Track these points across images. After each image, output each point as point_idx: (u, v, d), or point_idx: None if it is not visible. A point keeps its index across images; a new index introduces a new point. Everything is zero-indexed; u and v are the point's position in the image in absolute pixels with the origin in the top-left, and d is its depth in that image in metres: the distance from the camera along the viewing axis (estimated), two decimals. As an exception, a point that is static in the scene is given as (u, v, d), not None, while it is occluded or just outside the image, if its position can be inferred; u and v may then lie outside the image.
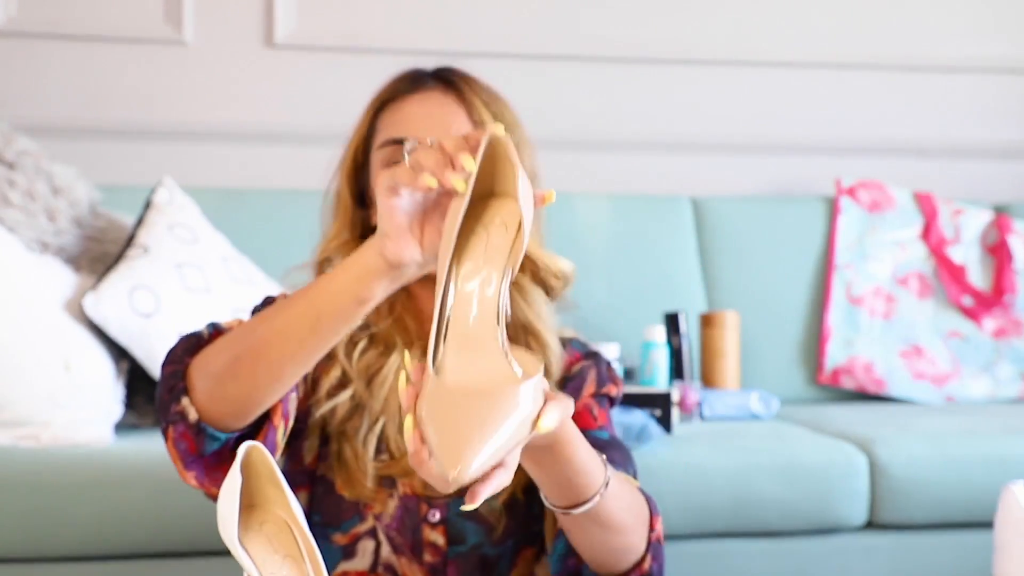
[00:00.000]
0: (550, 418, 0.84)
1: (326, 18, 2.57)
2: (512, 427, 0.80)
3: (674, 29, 2.72)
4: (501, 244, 0.91)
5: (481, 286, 0.90)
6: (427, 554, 1.20)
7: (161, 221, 2.01)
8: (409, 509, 1.20)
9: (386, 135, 1.21)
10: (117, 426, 1.83)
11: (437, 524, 1.20)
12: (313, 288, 0.97)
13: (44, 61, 2.48)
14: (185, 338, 1.08)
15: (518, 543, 1.24)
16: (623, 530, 1.08)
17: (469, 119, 1.20)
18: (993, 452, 1.85)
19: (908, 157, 2.81)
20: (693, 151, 2.74)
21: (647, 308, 2.34)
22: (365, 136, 1.24)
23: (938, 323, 2.51)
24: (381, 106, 1.23)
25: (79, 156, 2.24)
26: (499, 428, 0.80)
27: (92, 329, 1.84)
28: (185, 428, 1.03)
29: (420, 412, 0.82)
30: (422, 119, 1.19)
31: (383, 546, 1.19)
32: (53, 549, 1.61)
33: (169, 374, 1.05)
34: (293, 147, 2.53)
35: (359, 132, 1.24)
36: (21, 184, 1.94)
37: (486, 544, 1.21)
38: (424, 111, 1.20)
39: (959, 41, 2.83)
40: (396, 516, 1.19)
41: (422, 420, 0.81)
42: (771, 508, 1.77)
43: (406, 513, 1.20)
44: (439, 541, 1.20)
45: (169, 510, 1.61)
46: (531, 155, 1.23)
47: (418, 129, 1.18)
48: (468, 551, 1.20)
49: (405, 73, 1.25)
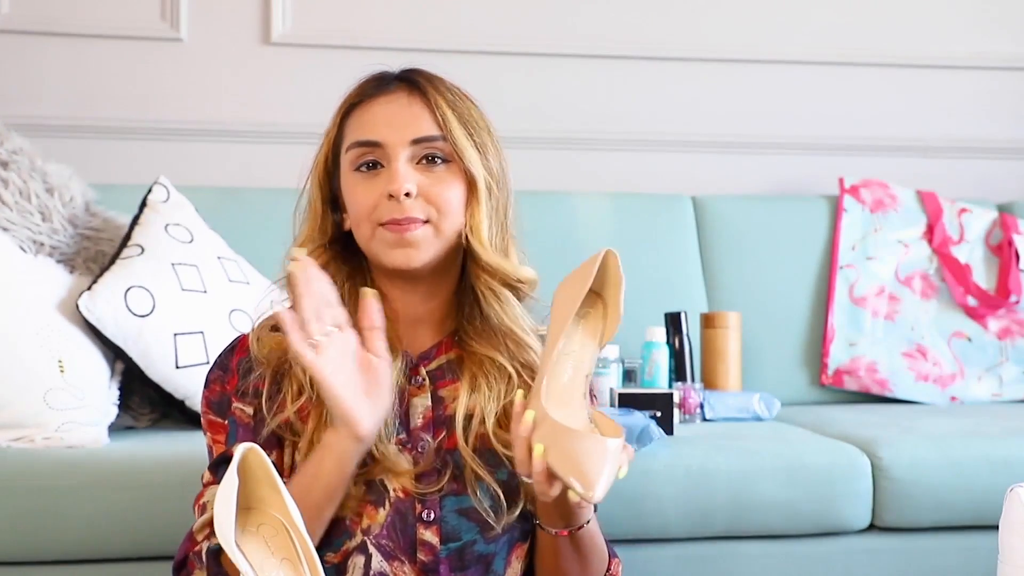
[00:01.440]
0: (625, 469, 1.07)
1: (322, 16, 2.56)
2: (614, 469, 1.06)
3: (675, 27, 2.71)
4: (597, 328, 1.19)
5: (578, 354, 1.16)
6: (421, 553, 1.20)
7: (157, 220, 2.00)
8: (401, 512, 1.20)
9: (353, 138, 1.23)
10: (112, 427, 1.82)
11: (431, 523, 1.20)
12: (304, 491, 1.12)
13: (38, 58, 2.47)
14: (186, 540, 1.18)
15: (512, 539, 1.24)
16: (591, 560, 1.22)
17: (433, 119, 1.21)
18: (997, 454, 1.84)
19: (912, 156, 2.80)
20: (694, 149, 2.73)
21: (648, 308, 2.33)
22: (334, 140, 1.26)
23: (942, 324, 2.50)
24: (348, 109, 1.25)
25: (74, 155, 2.23)
26: (610, 466, 1.05)
27: (87, 329, 1.83)
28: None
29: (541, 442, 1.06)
30: (387, 120, 1.21)
31: (374, 557, 1.19)
32: (47, 552, 1.60)
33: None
34: (289, 145, 2.51)
35: (328, 136, 1.27)
36: (15, 183, 1.93)
37: (480, 541, 1.21)
38: (389, 112, 1.22)
39: (963, 38, 2.82)
40: (387, 524, 1.19)
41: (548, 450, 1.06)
42: (773, 510, 1.76)
43: (398, 517, 1.20)
44: (433, 540, 1.20)
45: (164, 512, 1.60)
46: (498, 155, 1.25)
47: (384, 130, 1.21)
48: (462, 548, 1.21)
49: (371, 76, 1.27)
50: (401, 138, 1.20)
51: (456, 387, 1.24)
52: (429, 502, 1.20)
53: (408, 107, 1.22)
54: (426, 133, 1.21)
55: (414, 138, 1.20)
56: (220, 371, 1.26)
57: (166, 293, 1.89)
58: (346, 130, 1.25)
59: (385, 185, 1.19)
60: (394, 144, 1.20)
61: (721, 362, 2.28)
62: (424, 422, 1.23)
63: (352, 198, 1.22)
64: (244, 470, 1.01)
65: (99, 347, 1.84)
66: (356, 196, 1.22)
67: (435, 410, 1.24)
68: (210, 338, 1.88)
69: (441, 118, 1.21)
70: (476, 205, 1.22)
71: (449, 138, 1.21)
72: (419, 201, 1.19)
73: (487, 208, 1.22)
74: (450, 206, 1.21)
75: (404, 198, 1.18)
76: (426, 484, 1.20)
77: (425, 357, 1.26)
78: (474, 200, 1.22)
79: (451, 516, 1.21)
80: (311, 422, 1.19)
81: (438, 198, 1.20)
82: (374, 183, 1.21)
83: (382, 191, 1.19)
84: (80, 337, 1.82)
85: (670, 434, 1.86)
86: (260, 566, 1.00)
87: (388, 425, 1.19)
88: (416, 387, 1.24)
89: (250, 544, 1.02)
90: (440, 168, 1.21)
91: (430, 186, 1.20)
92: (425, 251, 1.20)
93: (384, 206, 1.19)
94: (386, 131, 1.21)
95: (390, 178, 1.19)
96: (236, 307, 1.94)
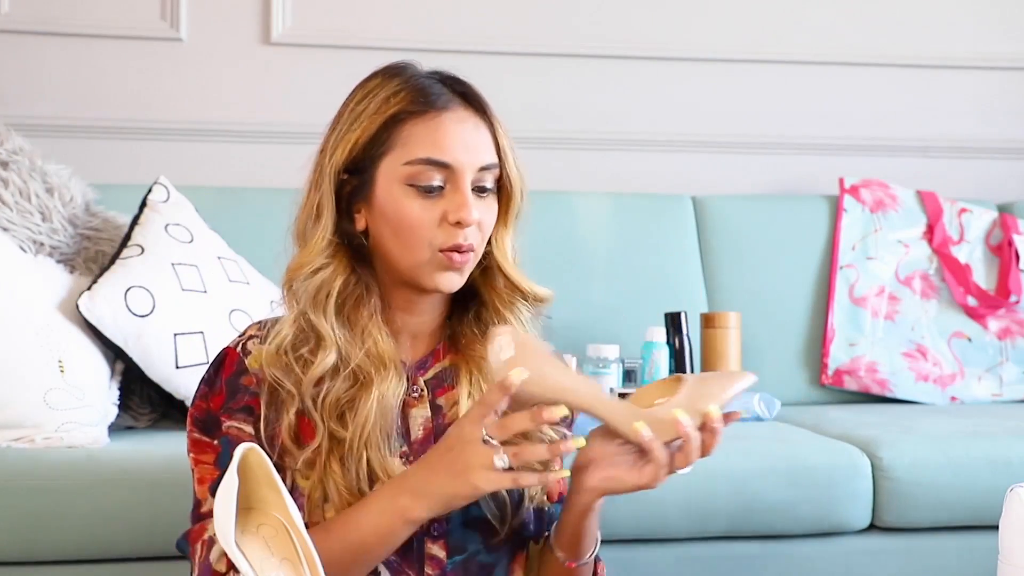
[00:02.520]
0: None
1: (322, 15, 2.56)
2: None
3: (675, 27, 2.71)
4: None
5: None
6: (428, 567, 1.18)
7: (157, 220, 2.00)
8: None
9: (421, 153, 1.16)
10: (112, 427, 1.82)
11: (438, 537, 1.18)
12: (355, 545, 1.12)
13: (38, 58, 2.47)
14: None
15: (513, 548, 1.23)
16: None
17: (494, 146, 1.19)
18: (997, 454, 1.84)
19: (912, 156, 2.79)
20: (694, 149, 2.72)
21: (648, 308, 2.32)
22: (367, 144, 1.17)
23: (942, 324, 2.50)
24: (401, 116, 1.17)
25: (74, 155, 2.23)
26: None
27: (87, 329, 1.83)
28: None
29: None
30: (463, 143, 1.17)
31: (382, 573, 1.17)
32: (47, 552, 1.60)
33: None
34: (290, 145, 2.51)
35: (357, 137, 1.18)
36: (15, 183, 1.93)
37: (483, 551, 1.20)
38: (464, 134, 1.17)
39: (964, 38, 2.81)
40: None
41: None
42: (773, 510, 1.76)
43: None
44: (440, 554, 1.18)
45: (164, 512, 1.60)
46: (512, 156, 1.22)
47: (459, 153, 1.16)
48: (466, 559, 1.19)
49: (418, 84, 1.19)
50: (471, 163, 1.17)
51: (454, 393, 1.22)
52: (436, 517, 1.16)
53: (476, 130, 1.18)
54: (490, 161, 1.18)
55: (482, 165, 1.18)
56: (206, 387, 1.20)
57: (166, 293, 1.88)
58: (399, 139, 1.17)
59: (450, 210, 1.16)
60: (463, 169, 1.16)
61: (721, 362, 2.27)
62: (424, 434, 1.21)
63: (405, 215, 1.16)
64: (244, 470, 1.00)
65: (99, 347, 1.84)
66: (411, 214, 1.16)
67: (435, 420, 1.22)
68: (210, 338, 1.88)
69: (499, 146, 1.19)
70: (506, 226, 1.22)
71: (505, 167, 1.20)
72: (474, 229, 1.18)
73: (513, 229, 1.23)
74: (490, 229, 1.21)
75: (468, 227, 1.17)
76: None
77: (421, 367, 1.23)
78: (506, 220, 1.22)
79: (457, 529, 1.19)
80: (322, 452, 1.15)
81: (487, 226, 1.19)
82: (434, 204, 1.16)
83: (442, 215, 1.16)
84: (80, 337, 1.82)
85: (670, 434, 1.85)
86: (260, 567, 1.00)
87: (390, 439, 1.17)
88: (414, 398, 1.21)
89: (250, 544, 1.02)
90: (489, 196, 1.19)
91: (482, 214, 1.18)
92: (466, 275, 1.20)
93: (446, 231, 1.16)
94: (461, 154, 1.16)
95: (459, 205, 1.15)
96: (236, 307, 1.94)
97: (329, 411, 1.15)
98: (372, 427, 1.15)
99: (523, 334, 1.14)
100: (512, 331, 1.11)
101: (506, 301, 1.23)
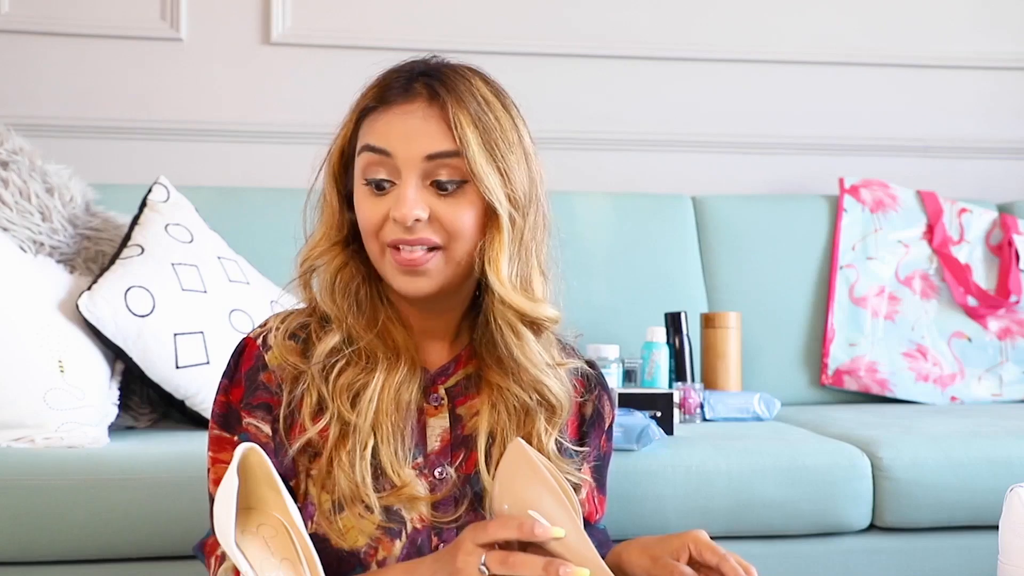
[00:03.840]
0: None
1: (322, 15, 2.56)
2: None
3: (675, 27, 2.71)
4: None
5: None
6: None
7: (157, 220, 2.00)
8: (417, 544, 1.14)
9: (365, 141, 1.14)
10: (112, 428, 1.82)
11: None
12: None
13: (38, 58, 2.47)
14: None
15: None
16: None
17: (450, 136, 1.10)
18: (997, 454, 1.84)
19: (912, 156, 2.80)
20: (694, 149, 2.73)
21: (648, 308, 2.33)
22: (348, 137, 1.17)
23: (942, 324, 2.50)
24: (365, 111, 1.16)
25: (74, 155, 2.23)
26: None
27: (87, 329, 1.83)
28: None
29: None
30: (403, 132, 1.11)
31: None
32: (47, 552, 1.60)
33: None
34: (289, 145, 2.52)
35: (343, 133, 1.18)
36: (15, 183, 1.93)
37: None
38: (407, 125, 1.11)
39: (964, 38, 2.81)
40: (402, 557, 1.13)
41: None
42: (773, 510, 1.75)
43: (414, 549, 1.13)
44: None
45: (164, 512, 1.60)
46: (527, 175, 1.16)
47: (397, 142, 1.11)
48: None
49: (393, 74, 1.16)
50: (414, 153, 1.10)
51: (476, 403, 1.18)
52: (445, 533, 1.14)
53: (424, 120, 1.11)
54: (440, 148, 1.10)
55: (428, 153, 1.10)
56: (227, 380, 1.17)
57: (166, 293, 1.88)
58: (360, 131, 1.15)
59: (392, 205, 1.11)
60: (406, 158, 1.10)
61: (721, 362, 2.27)
62: (442, 445, 1.17)
63: (360, 212, 1.14)
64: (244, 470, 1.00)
65: (99, 347, 1.84)
66: (363, 211, 1.13)
67: (453, 430, 1.18)
68: (210, 338, 1.88)
69: (459, 136, 1.10)
70: (496, 235, 1.12)
71: (466, 155, 1.10)
72: (431, 225, 1.11)
73: (508, 238, 1.12)
74: (463, 232, 1.11)
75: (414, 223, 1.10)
76: (443, 513, 1.14)
77: (442, 373, 1.20)
78: (494, 229, 1.12)
79: None
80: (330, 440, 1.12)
81: (452, 224, 1.11)
82: (382, 201, 1.12)
83: (387, 211, 1.11)
84: (80, 337, 1.82)
85: (670, 434, 1.86)
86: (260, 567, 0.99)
87: (404, 440, 1.13)
88: (434, 407, 1.18)
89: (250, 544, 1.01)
90: (456, 194, 1.11)
91: (443, 210, 1.11)
92: (435, 279, 1.13)
93: (391, 226, 1.11)
94: (399, 143, 1.11)
95: (396, 197, 1.11)
96: (236, 307, 1.93)
97: (340, 392, 1.13)
98: (381, 415, 1.12)
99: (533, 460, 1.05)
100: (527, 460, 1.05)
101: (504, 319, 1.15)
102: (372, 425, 1.12)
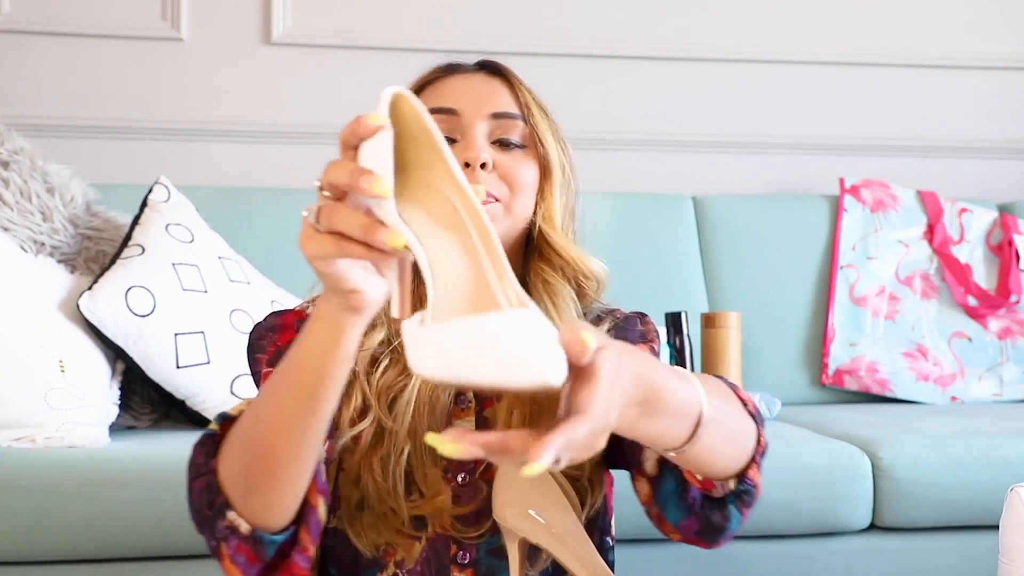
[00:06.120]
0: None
1: (323, 15, 2.56)
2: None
3: (675, 27, 2.71)
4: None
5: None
6: None
7: (157, 220, 2.00)
8: (437, 550, 1.11)
9: (428, 105, 1.10)
10: (112, 427, 1.82)
11: (467, 566, 1.11)
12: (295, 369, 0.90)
13: (39, 58, 2.47)
14: (201, 444, 1.02)
15: None
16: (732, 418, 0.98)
17: (515, 99, 1.17)
18: (998, 454, 1.84)
19: (912, 155, 2.80)
20: (695, 149, 2.73)
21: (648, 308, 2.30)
22: None
23: (942, 324, 2.50)
24: (419, 90, 1.17)
25: (74, 155, 2.23)
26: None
27: (88, 329, 1.83)
28: (240, 542, 0.97)
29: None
30: (467, 92, 1.15)
31: None
32: (48, 551, 1.60)
33: (202, 488, 0.99)
34: (290, 145, 2.52)
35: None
36: (16, 183, 1.93)
37: None
38: (470, 85, 1.16)
39: (964, 38, 2.81)
40: (421, 559, 1.11)
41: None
42: (774, 510, 1.75)
43: (433, 555, 1.11)
44: None
45: (164, 512, 1.60)
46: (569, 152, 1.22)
47: (463, 101, 1.14)
48: None
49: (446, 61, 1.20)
50: (481, 111, 1.13)
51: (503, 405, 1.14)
52: (465, 544, 1.11)
53: (486, 83, 1.16)
54: (506, 109, 1.15)
55: (494, 112, 1.14)
56: (269, 332, 1.14)
57: (167, 293, 1.88)
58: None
59: (460, 154, 1.10)
60: (472, 115, 1.13)
61: (721, 362, 2.27)
62: None
63: None
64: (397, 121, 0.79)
65: (100, 347, 1.84)
66: None
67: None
68: (211, 338, 1.88)
69: (523, 100, 1.16)
70: (550, 191, 1.16)
71: (530, 120, 1.16)
72: (493, 176, 1.12)
73: (560, 196, 1.17)
74: (524, 186, 1.14)
75: (479, 170, 1.10)
76: (464, 526, 1.11)
77: None
78: (548, 186, 1.16)
79: (485, 558, 1.11)
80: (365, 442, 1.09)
81: (514, 176, 1.13)
82: None
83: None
84: (81, 337, 1.82)
85: (670, 434, 1.86)
86: (424, 236, 0.80)
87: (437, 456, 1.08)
88: (461, 409, 1.14)
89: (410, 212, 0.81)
90: (516, 151, 1.15)
91: (507, 162, 1.13)
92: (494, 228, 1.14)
93: None
94: (465, 102, 1.13)
95: (466, 147, 1.11)
96: (237, 307, 1.94)
97: (379, 394, 1.11)
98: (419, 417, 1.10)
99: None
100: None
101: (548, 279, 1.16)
102: (408, 431, 1.10)
